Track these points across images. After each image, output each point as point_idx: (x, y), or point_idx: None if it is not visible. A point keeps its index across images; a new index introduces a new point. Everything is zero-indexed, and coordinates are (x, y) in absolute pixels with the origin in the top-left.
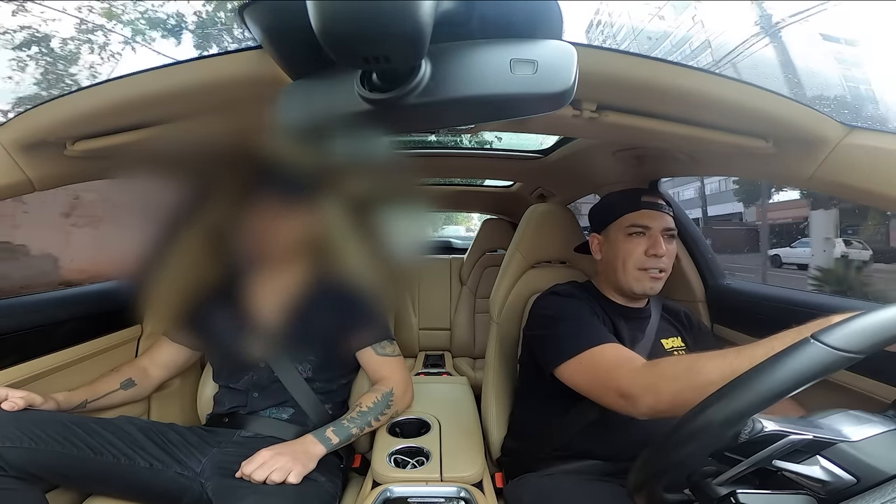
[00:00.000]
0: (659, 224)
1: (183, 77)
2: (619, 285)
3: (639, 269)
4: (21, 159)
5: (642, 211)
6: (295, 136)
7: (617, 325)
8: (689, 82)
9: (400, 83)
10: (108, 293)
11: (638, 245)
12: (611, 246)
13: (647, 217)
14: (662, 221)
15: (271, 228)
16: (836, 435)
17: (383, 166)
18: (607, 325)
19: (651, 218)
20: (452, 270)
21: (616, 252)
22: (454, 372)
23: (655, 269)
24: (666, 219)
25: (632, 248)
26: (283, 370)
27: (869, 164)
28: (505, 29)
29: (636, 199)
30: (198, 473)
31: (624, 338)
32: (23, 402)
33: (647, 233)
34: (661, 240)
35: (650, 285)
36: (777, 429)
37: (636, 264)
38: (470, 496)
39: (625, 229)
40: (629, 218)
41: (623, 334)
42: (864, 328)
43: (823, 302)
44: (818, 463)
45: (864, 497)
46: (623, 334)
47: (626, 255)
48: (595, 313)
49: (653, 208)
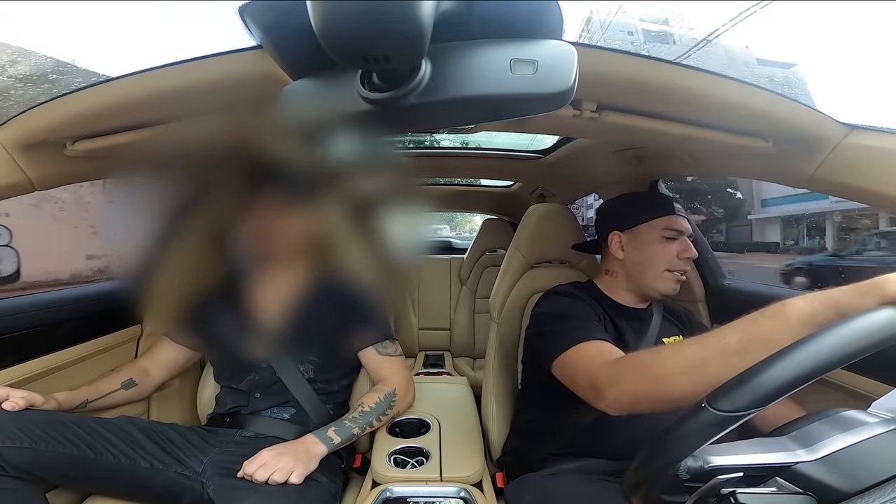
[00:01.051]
0: (687, 230)
1: (183, 77)
2: (641, 285)
3: (667, 271)
4: (21, 159)
5: (677, 216)
6: (295, 135)
7: (619, 325)
8: (690, 82)
9: (400, 83)
10: (107, 293)
11: (670, 248)
12: (640, 246)
13: (681, 223)
14: (688, 228)
15: (271, 228)
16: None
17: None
18: (608, 326)
19: (683, 224)
20: (452, 270)
21: (648, 253)
22: (454, 372)
23: (683, 271)
24: (689, 226)
25: (665, 251)
26: (285, 371)
27: (869, 164)
28: (505, 29)
29: (670, 205)
30: (199, 473)
31: (627, 338)
32: (24, 402)
33: (679, 237)
34: (690, 244)
35: (674, 286)
36: (722, 464)
37: (668, 266)
38: (470, 496)
39: (661, 231)
40: (665, 221)
41: (626, 335)
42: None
43: None
44: (776, 484)
45: (863, 497)
46: (626, 335)
47: (660, 256)
48: (595, 313)
49: (682, 215)
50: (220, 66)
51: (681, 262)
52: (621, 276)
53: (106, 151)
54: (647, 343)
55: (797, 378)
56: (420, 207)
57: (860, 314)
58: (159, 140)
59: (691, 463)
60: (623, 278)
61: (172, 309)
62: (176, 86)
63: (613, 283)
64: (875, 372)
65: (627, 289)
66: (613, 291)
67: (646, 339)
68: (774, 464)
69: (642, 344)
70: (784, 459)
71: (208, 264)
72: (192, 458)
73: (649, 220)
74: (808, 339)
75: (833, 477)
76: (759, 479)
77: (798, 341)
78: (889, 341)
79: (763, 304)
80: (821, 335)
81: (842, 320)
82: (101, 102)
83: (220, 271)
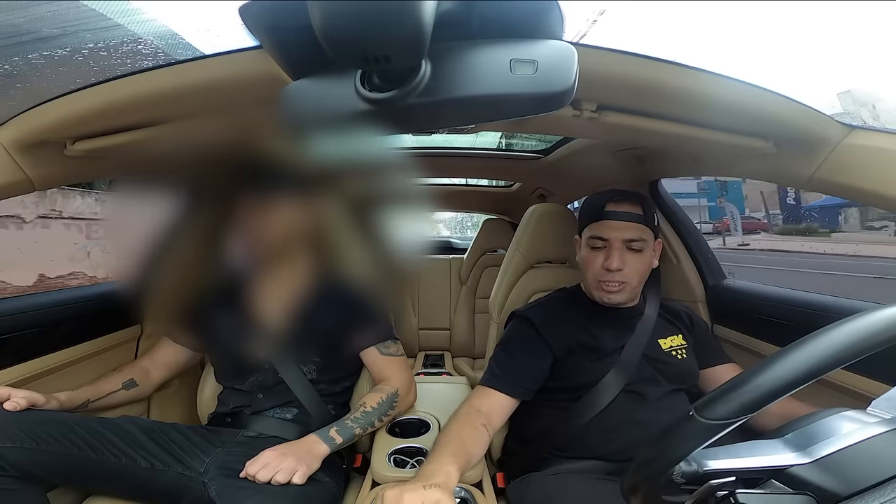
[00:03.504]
0: (619, 235)
1: (183, 77)
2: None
3: (598, 281)
4: (21, 159)
5: (603, 222)
6: (295, 135)
7: (594, 330)
8: (690, 82)
9: (400, 83)
10: (107, 294)
11: (596, 258)
12: (580, 252)
13: (607, 228)
14: (625, 232)
15: (271, 227)
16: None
17: (383, 166)
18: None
19: (611, 229)
20: (452, 270)
21: (582, 260)
22: (454, 372)
23: (612, 282)
24: (631, 228)
25: (591, 261)
26: (288, 371)
27: (869, 164)
28: (505, 29)
29: (600, 209)
30: (201, 473)
31: (605, 339)
32: (25, 402)
33: (606, 244)
34: (616, 253)
35: (608, 297)
36: (717, 468)
37: (594, 276)
38: (470, 496)
39: (588, 240)
40: (591, 228)
41: (604, 336)
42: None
43: (824, 302)
44: (772, 486)
45: (863, 497)
46: (604, 336)
47: (586, 266)
48: (542, 339)
49: (615, 218)
50: (221, 65)
51: (604, 271)
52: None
53: (106, 151)
54: (637, 341)
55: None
56: (420, 207)
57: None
58: (159, 140)
59: (685, 467)
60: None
61: (172, 309)
62: (176, 86)
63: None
64: (875, 372)
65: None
66: (591, 291)
67: (633, 337)
68: (769, 467)
69: (629, 342)
70: (778, 462)
71: (208, 264)
72: (194, 458)
73: (584, 226)
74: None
75: (827, 479)
76: (754, 482)
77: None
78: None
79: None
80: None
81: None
82: (101, 102)
83: (220, 271)
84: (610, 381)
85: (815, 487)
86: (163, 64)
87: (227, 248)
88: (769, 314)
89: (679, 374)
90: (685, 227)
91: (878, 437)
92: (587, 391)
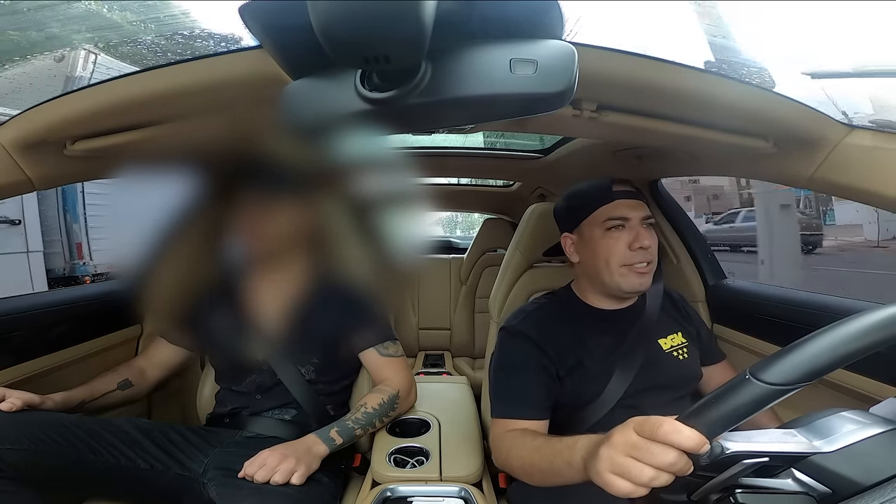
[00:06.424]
0: (637, 213)
1: (183, 76)
2: (604, 287)
3: (624, 266)
4: (21, 159)
5: (617, 201)
6: (295, 135)
7: (590, 338)
8: (690, 82)
9: (400, 83)
10: (107, 293)
11: (619, 240)
12: (587, 245)
13: (624, 207)
14: (640, 210)
15: (271, 227)
16: (809, 447)
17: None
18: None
19: (629, 207)
20: (452, 270)
21: (595, 251)
22: (454, 372)
23: (642, 262)
24: (643, 206)
25: (612, 244)
26: (286, 372)
27: (869, 164)
28: (505, 29)
29: (608, 189)
30: (200, 474)
31: (601, 345)
32: (20, 402)
33: (626, 224)
34: (642, 230)
35: (639, 281)
36: (742, 450)
37: (620, 261)
38: (469, 496)
39: (601, 224)
40: (604, 211)
41: (600, 342)
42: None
43: (824, 302)
44: (792, 475)
45: (863, 497)
46: (600, 342)
47: (608, 252)
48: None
49: (628, 197)
50: (221, 65)
51: (634, 253)
52: (584, 280)
53: (106, 151)
54: (635, 348)
55: (853, 351)
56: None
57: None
58: (159, 140)
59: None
60: (587, 281)
61: (170, 309)
62: (176, 86)
63: (582, 286)
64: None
65: (595, 292)
66: (586, 295)
67: (634, 340)
68: (793, 453)
69: (628, 350)
70: (802, 449)
71: (206, 264)
72: (193, 458)
73: (589, 213)
74: (856, 317)
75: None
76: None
77: (845, 319)
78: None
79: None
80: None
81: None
82: (101, 102)
83: (218, 271)
84: (608, 397)
85: (838, 476)
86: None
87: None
88: (769, 314)
89: (680, 380)
90: (684, 225)
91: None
92: (585, 407)
